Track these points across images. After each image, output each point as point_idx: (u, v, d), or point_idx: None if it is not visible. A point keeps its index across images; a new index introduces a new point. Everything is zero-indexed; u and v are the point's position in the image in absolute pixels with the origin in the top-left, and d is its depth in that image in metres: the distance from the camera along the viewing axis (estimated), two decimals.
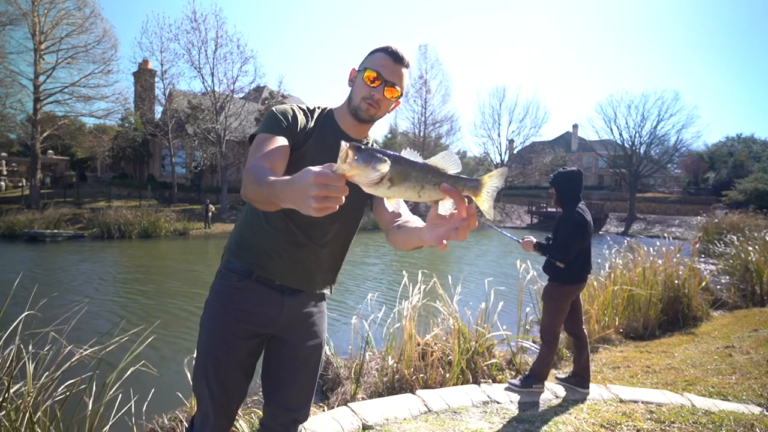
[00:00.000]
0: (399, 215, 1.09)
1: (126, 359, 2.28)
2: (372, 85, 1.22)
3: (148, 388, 2.64)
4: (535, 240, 3.11)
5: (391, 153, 0.72)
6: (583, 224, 2.98)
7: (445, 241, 0.77)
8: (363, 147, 0.69)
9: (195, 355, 1.34)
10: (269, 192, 0.88)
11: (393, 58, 1.22)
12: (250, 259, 1.32)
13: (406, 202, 0.84)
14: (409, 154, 0.74)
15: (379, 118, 1.29)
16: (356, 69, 1.30)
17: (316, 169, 0.71)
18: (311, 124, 1.29)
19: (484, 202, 0.77)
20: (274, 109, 1.25)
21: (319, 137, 1.28)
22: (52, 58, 21.42)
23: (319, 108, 1.35)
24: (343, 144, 0.68)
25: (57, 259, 12.42)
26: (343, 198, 0.72)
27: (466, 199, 0.75)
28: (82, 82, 21.95)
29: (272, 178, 0.89)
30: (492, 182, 0.77)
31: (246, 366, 1.33)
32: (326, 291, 1.46)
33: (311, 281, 1.37)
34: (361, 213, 1.41)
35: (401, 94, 1.26)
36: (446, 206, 0.77)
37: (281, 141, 1.15)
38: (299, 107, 1.29)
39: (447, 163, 0.75)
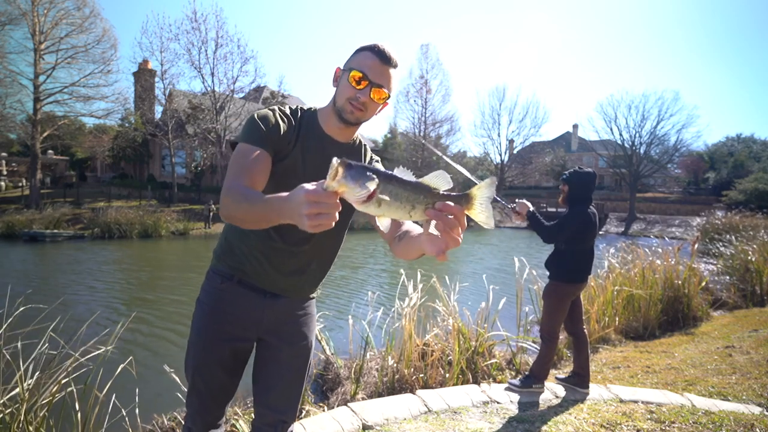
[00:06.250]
0: (399, 226, 1.09)
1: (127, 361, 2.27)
2: (357, 86, 1.17)
3: (147, 388, 2.64)
4: (532, 207, 3.02)
5: (383, 171, 0.72)
6: (589, 226, 2.99)
7: (446, 253, 0.79)
8: (353, 164, 0.69)
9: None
10: (264, 210, 0.88)
11: (380, 58, 1.16)
12: (233, 264, 1.33)
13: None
14: (401, 172, 0.74)
15: (365, 120, 1.26)
16: (341, 68, 1.24)
17: (308, 186, 0.73)
18: (294, 130, 1.25)
19: (479, 214, 0.78)
20: (254, 115, 1.19)
21: (303, 144, 1.25)
22: (51, 58, 21.44)
23: (301, 110, 1.30)
24: (334, 160, 0.68)
25: (56, 259, 12.42)
26: (337, 214, 0.72)
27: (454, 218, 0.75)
28: (82, 82, 21.98)
29: (267, 195, 0.89)
30: (482, 193, 0.77)
31: (230, 366, 1.35)
32: (312, 295, 1.45)
33: (292, 287, 1.36)
34: (346, 223, 1.39)
35: (388, 96, 1.21)
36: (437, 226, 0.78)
37: (261, 153, 1.13)
38: (281, 112, 1.25)
39: (439, 181, 0.76)
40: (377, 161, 1.42)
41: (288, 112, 1.27)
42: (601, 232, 29.37)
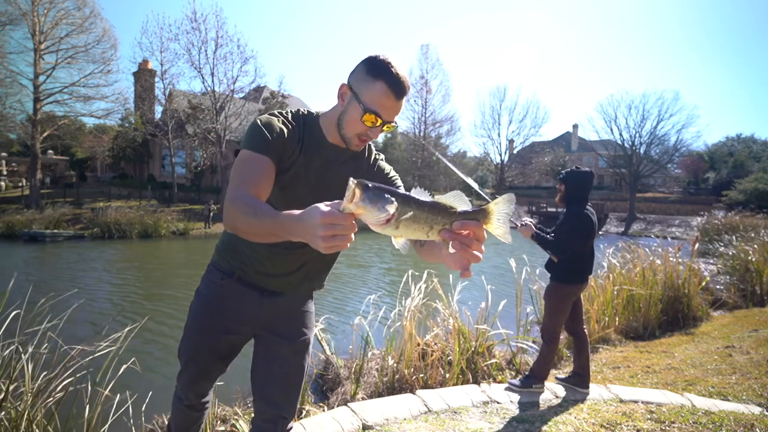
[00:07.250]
0: None
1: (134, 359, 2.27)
2: (370, 126, 1.14)
3: (147, 388, 2.64)
4: (534, 229, 3.04)
5: (401, 193, 0.72)
6: (588, 226, 2.98)
7: (470, 269, 0.78)
8: (371, 186, 0.69)
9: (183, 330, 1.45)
10: (274, 227, 0.86)
11: (396, 94, 1.10)
12: (234, 262, 1.36)
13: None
14: (418, 193, 0.74)
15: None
16: (348, 86, 1.16)
17: (324, 208, 0.72)
18: (298, 137, 1.23)
19: (496, 228, 0.77)
20: (258, 120, 1.17)
21: (307, 151, 1.23)
22: (51, 58, 21.44)
23: (303, 116, 1.27)
24: (351, 182, 0.68)
25: (56, 259, 12.42)
26: (353, 236, 0.73)
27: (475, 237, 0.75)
28: (82, 82, 21.98)
29: (278, 213, 0.86)
30: (499, 208, 0.76)
31: (224, 355, 1.42)
32: (312, 293, 1.48)
33: (292, 286, 1.38)
34: None
35: (396, 126, 1.21)
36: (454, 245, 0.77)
37: (265, 161, 1.11)
38: (285, 119, 1.22)
39: (456, 201, 0.75)
40: (382, 159, 1.42)
41: (290, 117, 1.25)
42: (601, 232, 29.37)
